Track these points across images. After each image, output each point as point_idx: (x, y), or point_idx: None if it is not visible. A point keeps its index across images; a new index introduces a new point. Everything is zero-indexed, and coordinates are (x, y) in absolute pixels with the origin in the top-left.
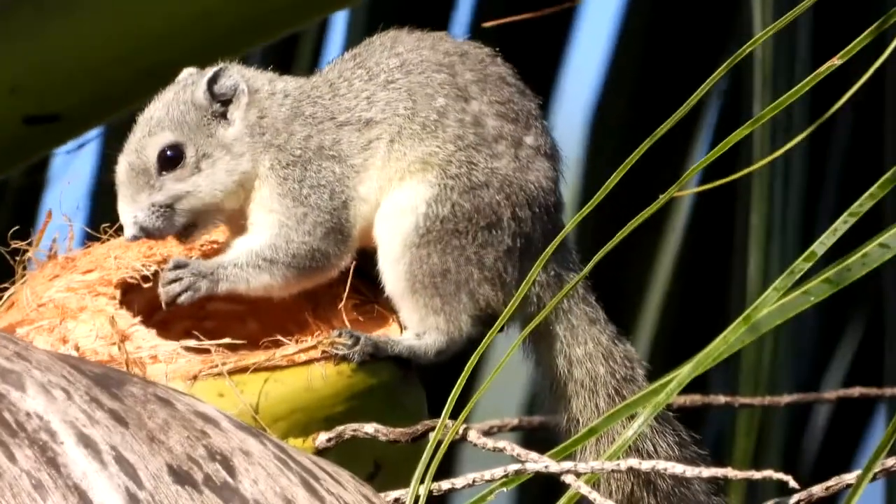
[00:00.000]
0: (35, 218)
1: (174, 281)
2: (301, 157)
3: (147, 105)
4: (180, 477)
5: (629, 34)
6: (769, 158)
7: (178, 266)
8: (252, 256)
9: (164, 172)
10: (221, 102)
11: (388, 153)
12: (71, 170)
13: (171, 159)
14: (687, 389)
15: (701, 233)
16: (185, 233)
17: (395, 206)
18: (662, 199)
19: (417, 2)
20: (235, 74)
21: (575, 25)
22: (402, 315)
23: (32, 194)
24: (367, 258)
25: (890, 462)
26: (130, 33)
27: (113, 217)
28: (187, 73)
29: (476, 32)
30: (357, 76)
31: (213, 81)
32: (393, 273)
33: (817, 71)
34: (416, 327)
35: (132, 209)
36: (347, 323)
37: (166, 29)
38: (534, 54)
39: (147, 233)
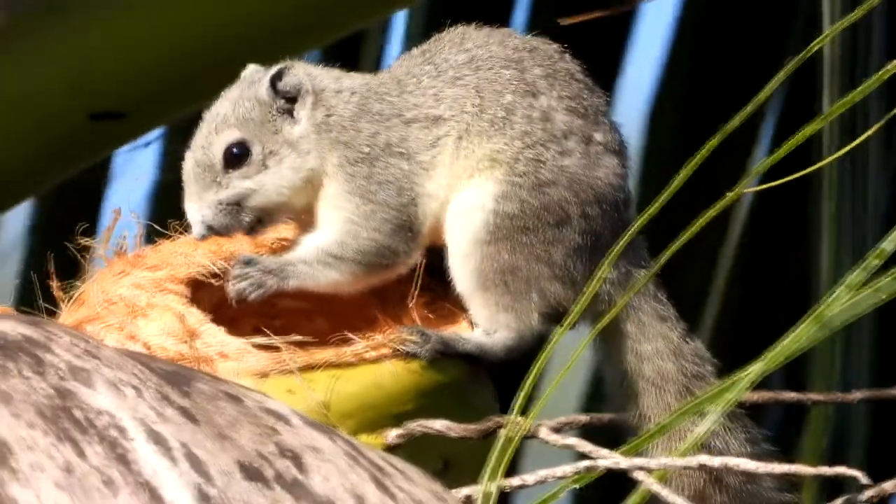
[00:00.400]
0: (96, 215)
1: (243, 278)
2: (369, 154)
3: (212, 102)
4: (251, 474)
5: (685, 30)
6: (840, 152)
7: (246, 263)
8: (320, 253)
9: (230, 170)
10: (286, 100)
11: (455, 150)
12: (132, 167)
13: (237, 157)
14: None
15: (762, 228)
16: (253, 230)
17: (464, 203)
18: (730, 196)
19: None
20: (300, 72)
21: (632, 25)
22: (471, 312)
23: (94, 192)
24: (436, 254)
25: None
26: (192, 30)
27: (176, 215)
28: (252, 69)
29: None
30: (425, 73)
31: (276, 79)
32: (463, 271)
33: (889, 66)
34: (486, 325)
35: (199, 207)
36: (417, 320)
37: (228, 25)
38: (591, 56)
39: (214, 231)
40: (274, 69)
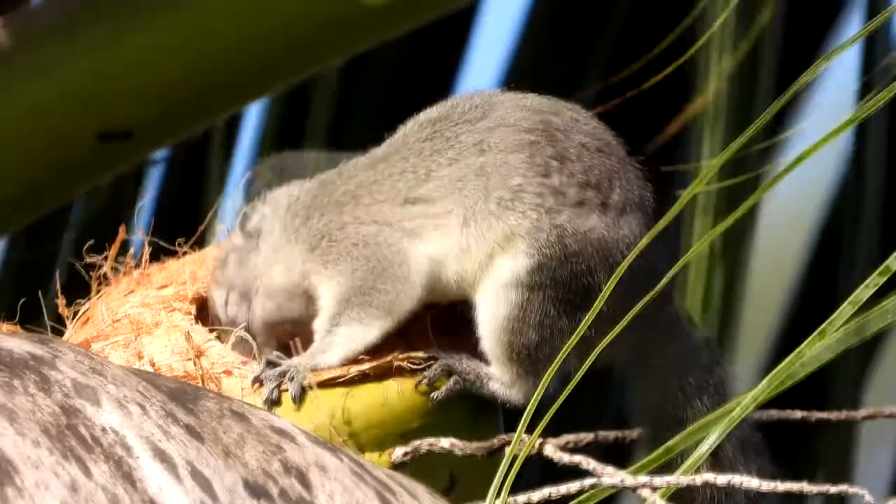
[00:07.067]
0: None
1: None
2: (326, 230)
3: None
4: (255, 491)
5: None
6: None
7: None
8: (330, 322)
9: None
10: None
11: (463, 232)
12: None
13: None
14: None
15: None
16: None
17: (498, 281)
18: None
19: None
20: (259, 208)
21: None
22: (493, 368)
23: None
24: None
25: None
26: (204, 49)
27: (181, 232)
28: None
29: None
30: (422, 149)
31: (242, 224)
32: (492, 342)
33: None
34: (506, 381)
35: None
36: (430, 337)
37: (240, 43)
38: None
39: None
40: (239, 217)
